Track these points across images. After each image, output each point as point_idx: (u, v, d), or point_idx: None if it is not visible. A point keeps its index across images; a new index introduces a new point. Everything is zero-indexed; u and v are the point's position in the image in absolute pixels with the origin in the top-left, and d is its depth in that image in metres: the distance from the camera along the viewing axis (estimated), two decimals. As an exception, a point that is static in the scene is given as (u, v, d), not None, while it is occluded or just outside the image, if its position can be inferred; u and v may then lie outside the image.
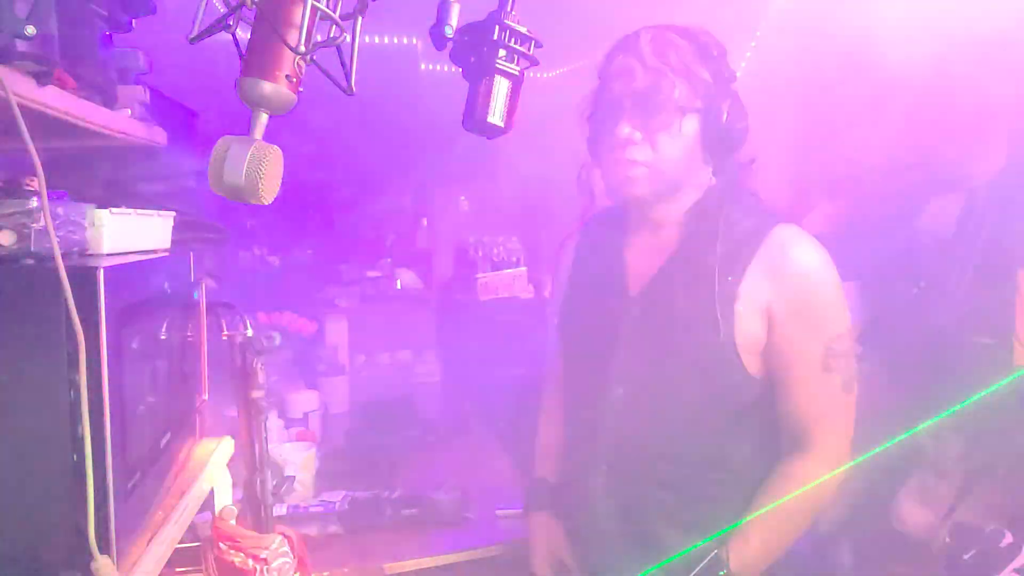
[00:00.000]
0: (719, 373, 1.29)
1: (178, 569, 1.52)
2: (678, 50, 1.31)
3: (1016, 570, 1.67)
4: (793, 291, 1.27)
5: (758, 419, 1.32)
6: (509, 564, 1.75)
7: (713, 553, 1.25)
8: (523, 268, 3.39)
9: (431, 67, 3.62)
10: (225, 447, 1.58)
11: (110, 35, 1.33)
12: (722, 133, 1.31)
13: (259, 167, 0.78)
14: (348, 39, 0.85)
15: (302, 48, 0.79)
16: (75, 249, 1.03)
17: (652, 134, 1.30)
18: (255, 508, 1.52)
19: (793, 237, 1.30)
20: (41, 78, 0.98)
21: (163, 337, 1.22)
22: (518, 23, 0.99)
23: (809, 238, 1.32)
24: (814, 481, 1.27)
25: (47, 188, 0.90)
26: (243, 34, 0.83)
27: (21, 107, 0.89)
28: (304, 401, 2.49)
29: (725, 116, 1.30)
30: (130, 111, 1.36)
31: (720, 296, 1.28)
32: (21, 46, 0.92)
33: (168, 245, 1.35)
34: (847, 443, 1.30)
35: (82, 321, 0.87)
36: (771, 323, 1.28)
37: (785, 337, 1.28)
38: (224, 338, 1.55)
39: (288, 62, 0.79)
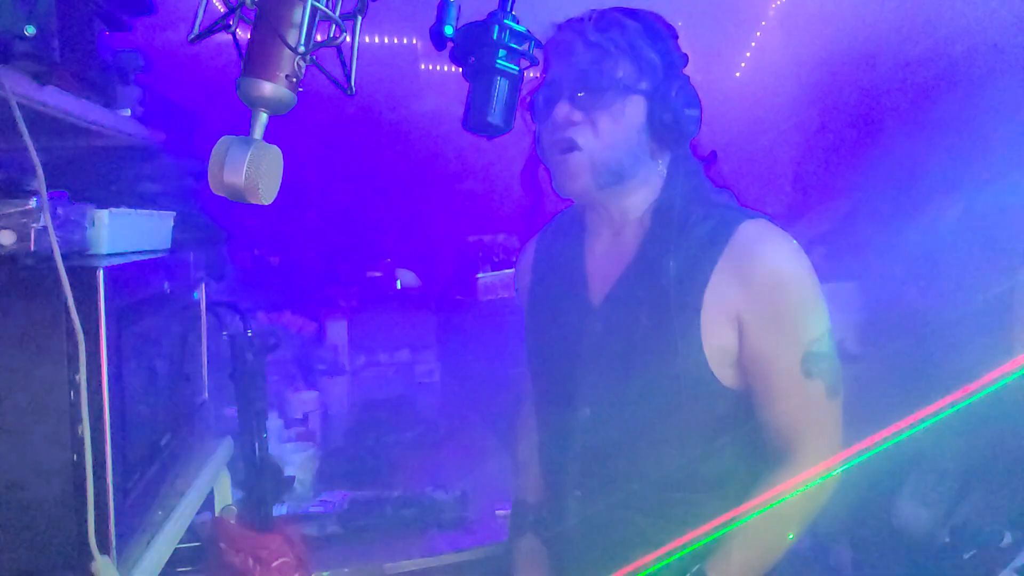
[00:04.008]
0: (689, 388, 1.20)
1: (178, 569, 1.52)
2: (623, 28, 1.22)
3: (1016, 570, 1.67)
4: (764, 295, 1.17)
5: (735, 432, 1.24)
6: (509, 564, 1.74)
7: (696, 569, 1.19)
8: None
9: (431, 67, 3.62)
10: (225, 447, 1.58)
11: (110, 35, 1.33)
12: (671, 119, 1.21)
13: (259, 167, 0.78)
14: (348, 39, 0.85)
15: (302, 48, 0.79)
16: (75, 249, 1.03)
17: (593, 115, 1.21)
18: (255, 508, 1.52)
19: (761, 233, 1.20)
20: (41, 78, 0.98)
21: (163, 338, 1.22)
22: (518, 23, 0.99)
23: (780, 233, 1.21)
24: (800, 495, 1.19)
25: (47, 188, 0.90)
26: (243, 34, 0.83)
27: (21, 107, 0.89)
28: (304, 401, 2.49)
29: (674, 101, 1.21)
30: (130, 111, 1.36)
31: (683, 305, 1.19)
32: (21, 46, 0.92)
33: (168, 245, 1.35)
34: (835, 452, 1.21)
35: (82, 321, 0.87)
36: (743, 331, 1.19)
37: (760, 345, 1.19)
38: (224, 338, 1.55)
39: (288, 62, 0.79)
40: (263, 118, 0.81)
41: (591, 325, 1.30)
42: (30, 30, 0.91)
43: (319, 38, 0.82)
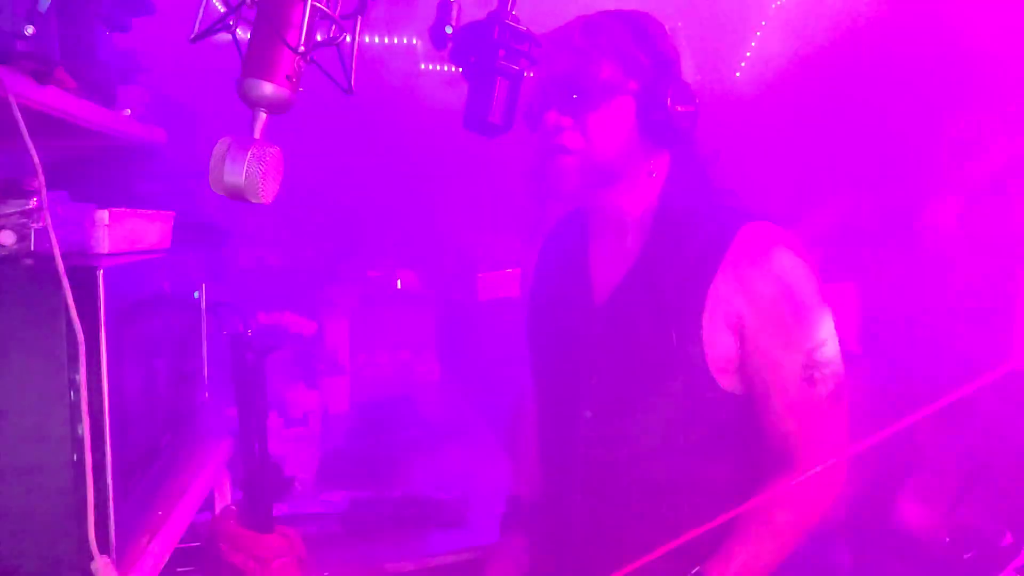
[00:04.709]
0: (690, 392, 1.20)
1: (178, 569, 1.52)
2: (609, 30, 1.22)
3: (1016, 570, 1.67)
4: (767, 299, 1.17)
5: (737, 437, 1.24)
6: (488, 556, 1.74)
7: (695, 571, 1.19)
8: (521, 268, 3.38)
9: (431, 67, 3.62)
10: (225, 447, 1.58)
11: (110, 35, 1.33)
12: (662, 117, 1.20)
13: (259, 167, 0.78)
14: (348, 39, 0.85)
15: (302, 48, 0.79)
16: (75, 249, 1.03)
17: (582, 118, 1.21)
18: (255, 508, 1.52)
19: (764, 237, 1.19)
20: (41, 78, 0.98)
21: (163, 338, 1.22)
22: (518, 23, 0.99)
23: (784, 236, 1.21)
24: (802, 501, 1.20)
25: (47, 188, 0.90)
26: (243, 34, 0.83)
27: (21, 107, 0.88)
28: (304, 401, 2.49)
29: (664, 99, 1.20)
30: (130, 111, 1.36)
31: (684, 308, 1.18)
32: (21, 46, 0.92)
33: (168, 245, 1.35)
34: (838, 459, 1.20)
35: (82, 321, 0.87)
36: (744, 335, 1.18)
37: (761, 350, 1.18)
38: (224, 338, 1.55)
39: (288, 62, 0.79)
40: (263, 118, 0.81)
41: (593, 327, 1.29)
42: (30, 30, 0.91)
43: (319, 38, 0.82)
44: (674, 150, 1.28)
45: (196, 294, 1.46)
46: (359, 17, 0.86)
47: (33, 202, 0.93)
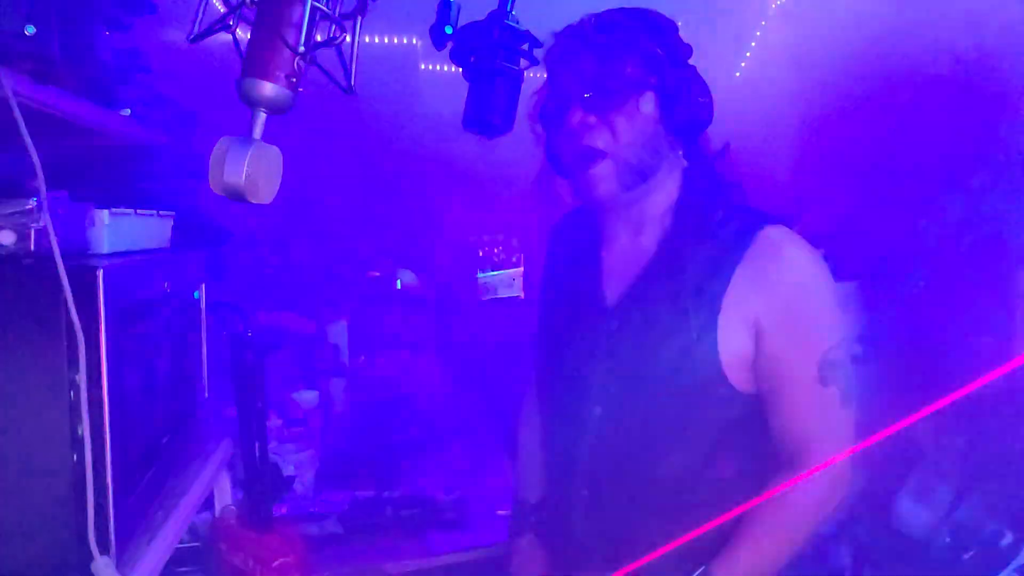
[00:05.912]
0: (703, 390, 1.21)
1: (178, 569, 1.52)
2: (625, 27, 1.22)
3: (1016, 570, 1.66)
4: (784, 301, 1.18)
5: (747, 436, 1.24)
6: (507, 563, 1.74)
7: (702, 569, 1.19)
8: (523, 268, 3.39)
9: (431, 67, 3.62)
10: (225, 447, 1.58)
11: (110, 35, 1.33)
12: (684, 110, 1.21)
13: (259, 167, 0.78)
14: (348, 39, 0.85)
15: (302, 48, 0.79)
16: (75, 249, 1.03)
17: (608, 117, 1.21)
18: (255, 508, 1.52)
19: (782, 240, 1.21)
20: (41, 78, 0.98)
21: (163, 338, 1.22)
22: (518, 23, 0.99)
23: (800, 241, 1.22)
24: (810, 500, 1.21)
25: (47, 188, 0.90)
26: (243, 34, 0.83)
27: (21, 107, 0.88)
28: (304, 401, 2.49)
29: (685, 92, 1.21)
30: (130, 111, 1.36)
31: (701, 307, 1.19)
32: (21, 46, 0.92)
33: (168, 245, 1.35)
34: (846, 460, 1.21)
35: (82, 321, 0.87)
36: (760, 336, 1.19)
37: (776, 351, 1.19)
38: (224, 338, 1.55)
39: (288, 62, 0.79)
40: (263, 118, 0.81)
41: (606, 324, 1.29)
42: (30, 30, 0.91)
43: (319, 38, 0.82)
44: (688, 146, 1.28)
45: (196, 294, 1.46)
46: (359, 17, 0.86)
47: (33, 202, 0.93)
